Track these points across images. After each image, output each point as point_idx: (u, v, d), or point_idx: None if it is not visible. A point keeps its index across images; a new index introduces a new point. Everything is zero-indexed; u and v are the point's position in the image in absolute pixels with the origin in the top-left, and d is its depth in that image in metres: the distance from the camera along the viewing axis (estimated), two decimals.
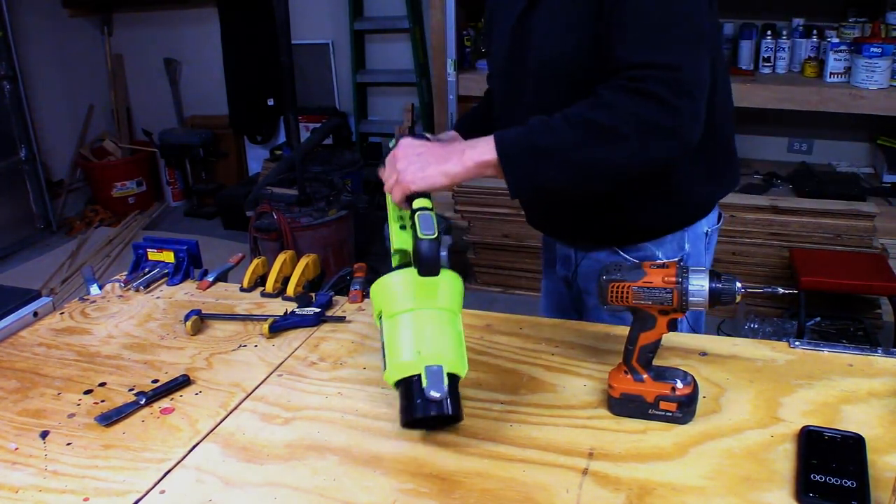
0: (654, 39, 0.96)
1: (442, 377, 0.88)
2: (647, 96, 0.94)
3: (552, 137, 0.97)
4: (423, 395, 0.88)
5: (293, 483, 0.88)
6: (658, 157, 0.99)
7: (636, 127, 0.94)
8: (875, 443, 0.86)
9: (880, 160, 3.41)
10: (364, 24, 4.27)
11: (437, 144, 1.03)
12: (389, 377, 0.92)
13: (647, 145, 0.96)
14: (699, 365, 1.06)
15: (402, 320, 0.92)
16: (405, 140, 1.03)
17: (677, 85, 0.94)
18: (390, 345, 0.92)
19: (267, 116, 4.66)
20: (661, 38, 0.96)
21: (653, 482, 0.83)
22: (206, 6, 4.55)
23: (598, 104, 0.97)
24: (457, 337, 0.94)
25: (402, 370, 0.90)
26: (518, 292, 3.43)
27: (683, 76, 0.95)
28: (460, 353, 0.93)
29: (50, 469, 0.93)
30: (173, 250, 1.51)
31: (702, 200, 1.24)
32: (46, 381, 1.14)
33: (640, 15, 0.97)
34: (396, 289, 0.94)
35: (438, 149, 1.01)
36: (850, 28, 3.21)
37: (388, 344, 0.93)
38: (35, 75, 4.48)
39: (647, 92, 0.94)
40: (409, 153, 1.00)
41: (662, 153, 0.98)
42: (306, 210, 3.28)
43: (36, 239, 4.46)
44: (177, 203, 5.01)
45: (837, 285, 2.66)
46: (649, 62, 0.95)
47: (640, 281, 0.90)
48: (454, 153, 0.99)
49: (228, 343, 1.23)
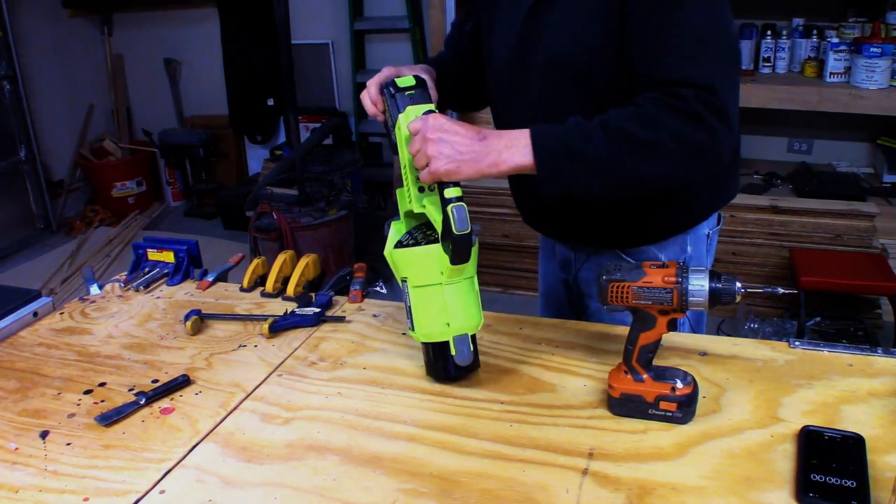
0: (694, 57, 0.97)
1: (468, 344, 1.03)
2: (690, 115, 0.94)
3: (591, 146, 0.96)
4: (452, 360, 1.03)
5: (293, 483, 0.88)
6: (693, 175, 1.02)
7: (677, 144, 0.95)
8: (875, 443, 0.86)
9: (880, 160, 3.41)
10: (364, 24, 4.27)
11: (469, 133, 0.98)
12: (417, 337, 1.05)
13: (685, 162, 0.97)
14: (699, 365, 1.06)
15: (433, 293, 1.02)
16: (437, 121, 0.98)
17: (715, 106, 0.95)
18: (420, 312, 1.04)
19: (267, 116, 4.65)
20: (699, 56, 0.97)
21: (653, 482, 0.83)
22: (206, 6, 4.55)
23: (639, 116, 0.96)
24: (476, 299, 1.05)
25: (431, 337, 1.04)
26: (518, 292, 3.43)
27: (720, 98, 0.95)
28: (479, 312, 1.06)
29: (50, 469, 0.93)
30: (173, 250, 1.51)
31: (706, 206, 1.25)
32: (46, 381, 1.14)
33: (679, 30, 0.97)
34: (427, 262, 1.01)
35: (476, 144, 0.97)
36: (850, 28, 3.21)
37: (418, 310, 1.04)
38: (35, 75, 4.48)
39: (690, 111, 0.94)
40: (443, 141, 0.96)
41: (698, 171, 1.01)
42: (306, 210, 3.28)
43: (36, 239, 4.46)
44: (177, 203, 5.00)
45: (837, 285, 2.66)
46: (688, 81, 0.95)
47: (640, 281, 0.90)
48: (491, 153, 0.97)
49: (228, 343, 1.23)
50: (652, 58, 0.99)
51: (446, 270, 1.00)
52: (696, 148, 0.96)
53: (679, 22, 0.97)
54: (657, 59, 0.99)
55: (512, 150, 0.98)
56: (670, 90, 0.96)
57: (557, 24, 1.09)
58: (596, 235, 1.27)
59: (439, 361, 1.05)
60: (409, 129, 1.01)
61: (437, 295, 1.02)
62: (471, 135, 0.98)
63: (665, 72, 0.98)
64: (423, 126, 0.98)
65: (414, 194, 1.04)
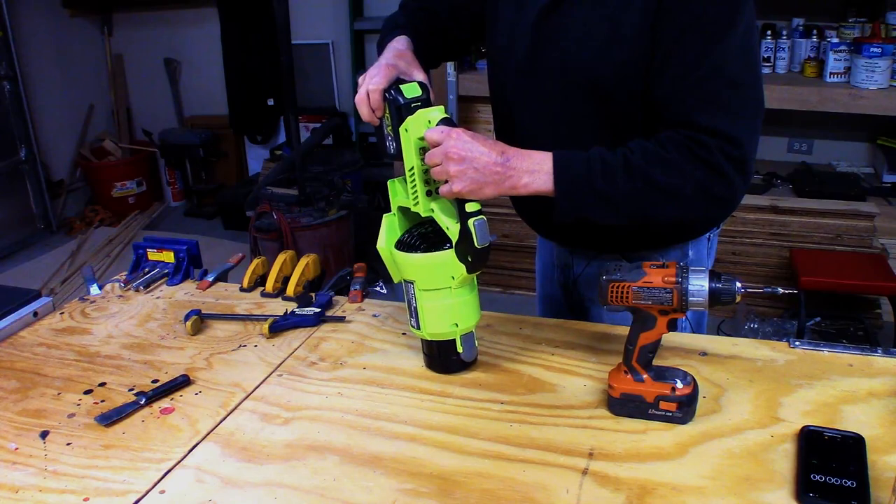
0: (725, 107, 0.96)
1: (473, 342, 1.08)
2: (712, 168, 0.96)
3: (612, 186, 0.97)
4: (458, 356, 1.07)
5: (293, 483, 0.88)
6: (705, 219, 1.08)
7: (695, 193, 0.97)
8: (875, 443, 0.86)
9: (880, 160, 3.41)
10: (364, 24, 4.27)
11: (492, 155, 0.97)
12: (422, 335, 1.07)
13: (699, 210, 1.02)
14: (699, 365, 1.06)
15: (442, 296, 1.04)
16: (460, 139, 0.97)
17: (738, 161, 0.96)
18: (428, 313, 1.05)
19: (267, 116, 4.65)
20: (729, 106, 0.96)
21: (653, 482, 0.83)
22: (206, 6, 4.55)
23: (662, 161, 0.97)
24: (476, 295, 1.08)
25: (438, 336, 1.07)
26: (518, 292, 3.43)
27: (744, 153, 0.96)
28: (479, 307, 1.09)
29: (50, 469, 0.93)
30: (173, 250, 1.51)
31: (712, 221, 1.25)
32: (46, 381, 1.14)
33: (713, 75, 0.96)
34: (440, 269, 1.03)
35: (498, 166, 0.97)
36: (849, 28, 3.21)
37: (426, 312, 1.05)
38: (35, 75, 4.48)
39: (713, 163, 0.95)
40: (466, 161, 0.96)
41: (710, 216, 1.09)
42: (306, 210, 3.28)
43: (36, 239, 4.46)
44: (177, 203, 5.01)
45: (837, 285, 2.66)
46: (715, 129, 0.96)
47: (640, 281, 0.90)
48: (512, 176, 0.98)
49: (228, 343, 1.23)
50: (680, 98, 0.98)
51: (458, 276, 1.02)
52: (713, 199, 0.99)
53: (715, 66, 0.96)
54: (686, 100, 0.98)
55: (534, 176, 0.99)
56: (695, 136, 0.96)
57: (576, 32, 1.06)
58: (597, 242, 1.26)
59: (443, 356, 1.08)
60: (426, 139, 0.99)
61: (447, 298, 1.04)
62: (493, 156, 0.97)
63: (693, 116, 0.97)
64: (444, 141, 0.97)
65: (422, 198, 1.03)
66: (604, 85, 1.06)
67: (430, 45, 1.24)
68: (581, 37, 1.06)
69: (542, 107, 1.14)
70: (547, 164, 0.99)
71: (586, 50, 1.05)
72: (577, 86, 1.08)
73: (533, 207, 1.34)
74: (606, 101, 1.07)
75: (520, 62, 1.14)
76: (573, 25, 1.07)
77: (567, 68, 1.08)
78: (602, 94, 1.07)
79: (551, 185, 0.98)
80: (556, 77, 1.10)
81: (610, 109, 1.07)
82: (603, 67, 1.05)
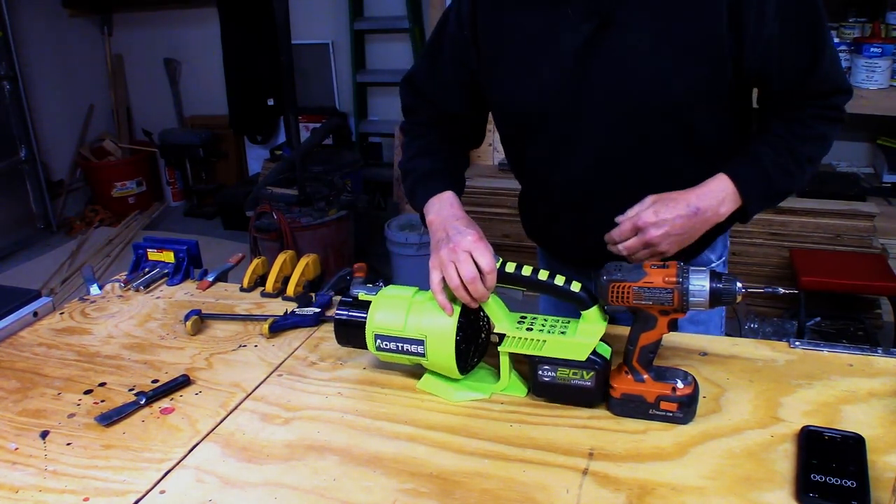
0: (836, 66, 1.08)
1: None
2: (841, 120, 1.10)
3: (790, 182, 1.10)
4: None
5: (293, 483, 0.88)
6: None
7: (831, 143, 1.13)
8: (875, 443, 0.86)
9: (880, 160, 3.41)
10: (364, 24, 4.27)
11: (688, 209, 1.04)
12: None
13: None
14: (699, 365, 1.06)
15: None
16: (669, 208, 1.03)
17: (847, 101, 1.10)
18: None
19: (267, 116, 4.65)
20: (836, 65, 1.08)
21: (653, 482, 0.83)
22: (206, 6, 4.55)
23: (812, 137, 1.09)
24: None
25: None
26: None
27: (852, 94, 1.10)
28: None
29: (50, 469, 0.93)
30: (173, 250, 1.51)
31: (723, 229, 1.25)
32: (46, 381, 1.14)
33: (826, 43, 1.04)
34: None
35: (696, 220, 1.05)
36: (850, 28, 3.21)
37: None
38: (35, 75, 4.48)
39: (840, 119, 1.10)
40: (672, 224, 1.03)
41: None
42: (306, 210, 3.28)
43: (36, 239, 4.46)
44: (177, 203, 5.01)
45: (837, 285, 2.66)
46: (837, 88, 1.08)
47: (640, 281, 0.90)
48: (710, 218, 1.06)
49: (228, 343, 1.23)
50: (810, 73, 1.04)
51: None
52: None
53: (823, 36, 1.04)
54: (815, 73, 1.05)
55: (725, 205, 1.06)
56: (827, 102, 1.08)
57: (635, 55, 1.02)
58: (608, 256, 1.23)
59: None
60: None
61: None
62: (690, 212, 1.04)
63: (816, 85, 1.06)
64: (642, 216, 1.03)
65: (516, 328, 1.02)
66: (673, 109, 1.05)
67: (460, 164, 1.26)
68: (644, 62, 1.02)
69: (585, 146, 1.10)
70: (727, 187, 1.06)
71: (654, 73, 1.02)
72: (642, 116, 1.05)
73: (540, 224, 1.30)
74: (679, 128, 1.08)
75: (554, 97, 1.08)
76: (629, 51, 1.02)
77: (629, 100, 1.04)
78: (674, 120, 1.06)
79: (738, 202, 1.07)
80: (602, 109, 1.06)
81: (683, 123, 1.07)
82: (675, 88, 1.02)
